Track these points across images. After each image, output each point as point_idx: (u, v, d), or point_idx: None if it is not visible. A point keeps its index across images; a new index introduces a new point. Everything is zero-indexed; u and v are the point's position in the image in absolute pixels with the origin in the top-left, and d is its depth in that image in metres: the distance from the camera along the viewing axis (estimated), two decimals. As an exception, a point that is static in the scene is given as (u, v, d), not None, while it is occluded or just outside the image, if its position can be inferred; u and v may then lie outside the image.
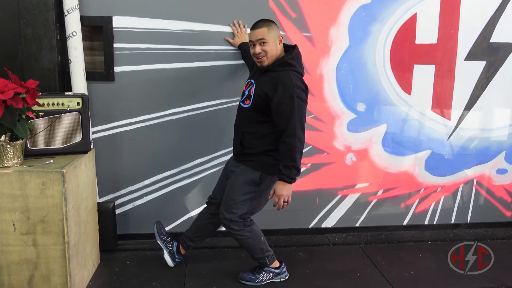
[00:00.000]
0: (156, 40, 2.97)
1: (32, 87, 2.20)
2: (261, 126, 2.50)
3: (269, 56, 2.45)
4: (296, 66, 2.47)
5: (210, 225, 2.83)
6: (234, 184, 2.59)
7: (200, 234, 2.86)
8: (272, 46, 2.45)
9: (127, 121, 3.04)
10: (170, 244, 2.87)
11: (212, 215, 2.78)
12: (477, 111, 3.45)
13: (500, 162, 3.59)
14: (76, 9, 2.76)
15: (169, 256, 2.85)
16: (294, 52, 2.51)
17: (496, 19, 3.33)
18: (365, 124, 3.33)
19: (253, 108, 2.51)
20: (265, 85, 2.45)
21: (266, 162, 2.50)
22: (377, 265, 3.02)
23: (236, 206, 2.56)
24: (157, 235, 2.87)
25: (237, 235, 2.62)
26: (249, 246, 2.67)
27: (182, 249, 2.89)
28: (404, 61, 3.28)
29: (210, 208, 2.80)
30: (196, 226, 2.86)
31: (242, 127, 2.58)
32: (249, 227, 2.63)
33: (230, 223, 2.59)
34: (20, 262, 2.32)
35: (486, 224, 3.68)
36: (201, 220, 2.86)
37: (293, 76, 2.40)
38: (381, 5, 3.16)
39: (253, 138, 2.53)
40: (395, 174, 3.47)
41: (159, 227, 2.91)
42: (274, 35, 2.47)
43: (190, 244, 2.87)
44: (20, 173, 2.22)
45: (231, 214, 2.57)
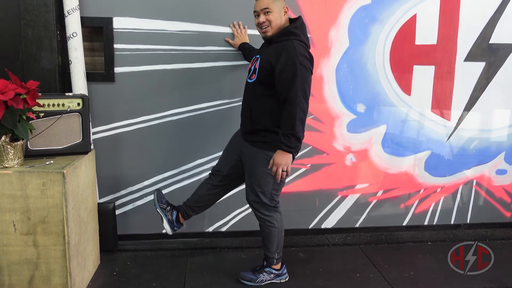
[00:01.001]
0: (156, 41, 2.97)
1: (33, 88, 2.21)
2: (268, 100, 2.46)
3: (273, 26, 2.43)
4: (300, 35, 2.44)
5: (212, 196, 2.82)
6: (253, 169, 2.56)
7: (201, 204, 2.85)
8: (276, 15, 2.43)
9: (127, 122, 3.05)
10: (170, 212, 2.84)
11: (215, 186, 2.77)
12: (476, 112, 3.46)
13: (499, 162, 3.59)
14: (76, 10, 2.77)
15: (168, 225, 2.82)
16: (298, 22, 2.49)
17: (496, 20, 3.33)
18: (365, 125, 3.34)
19: (258, 82, 2.47)
20: (269, 55, 2.42)
21: (275, 140, 2.44)
22: (377, 265, 3.03)
23: (262, 190, 2.55)
24: (157, 203, 2.83)
25: (266, 220, 2.62)
26: (271, 236, 2.65)
27: (181, 218, 2.87)
28: (403, 61, 3.28)
29: (213, 179, 2.79)
30: (198, 196, 2.84)
31: (249, 103, 2.55)
32: (278, 215, 2.64)
33: (261, 206, 2.59)
34: (20, 263, 2.32)
35: (485, 225, 3.68)
36: (203, 190, 2.83)
37: (296, 44, 2.37)
38: (380, 6, 3.16)
39: (261, 113, 2.49)
40: (395, 175, 3.47)
41: (159, 195, 2.87)
42: (279, 6, 2.45)
43: (190, 213, 2.85)
44: (20, 174, 2.22)
45: (260, 197, 2.56)
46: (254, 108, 2.51)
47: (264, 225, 2.65)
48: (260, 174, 2.54)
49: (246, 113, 2.58)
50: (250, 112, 2.52)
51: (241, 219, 3.31)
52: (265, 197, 2.57)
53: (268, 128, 2.48)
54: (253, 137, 2.54)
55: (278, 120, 2.42)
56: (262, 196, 2.57)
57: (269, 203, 2.59)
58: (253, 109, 2.51)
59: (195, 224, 3.26)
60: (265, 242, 2.70)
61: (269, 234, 2.66)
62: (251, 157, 2.57)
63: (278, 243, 2.69)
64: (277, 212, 2.65)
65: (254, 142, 2.54)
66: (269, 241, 2.68)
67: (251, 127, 2.54)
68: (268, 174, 2.52)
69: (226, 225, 3.31)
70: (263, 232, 2.69)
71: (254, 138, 2.54)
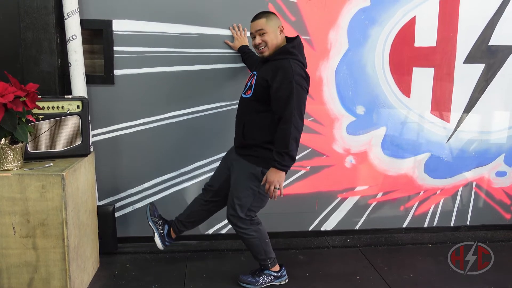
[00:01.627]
0: (156, 44, 2.98)
1: (32, 90, 2.21)
2: (261, 116, 2.48)
3: (270, 46, 2.47)
4: (297, 54, 2.46)
5: (204, 212, 2.82)
6: (237, 182, 2.58)
7: (193, 220, 2.84)
8: (272, 36, 2.46)
9: (127, 124, 3.05)
10: (162, 226, 2.84)
11: (207, 202, 2.77)
12: (476, 114, 3.46)
13: (499, 164, 3.59)
14: (76, 12, 2.77)
15: (159, 239, 2.82)
16: (295, 41, 2.51)
17: (495, 22, 3.33)
18: (364, 127, 3.34)
19: (254, 98, 2.49)
20: (266, 73, 2.44)
21: (267, 156, 2.46)
22: (377, 267, 3.02)
23: (240, 203, 2.55)
24: (149, 216, 2.84)
25: (243, 233, 2.61)
26: (254, 246, 2.66)
27: (173, 233, 2.86)
28: (403, 64, 3.29)
29: (206, 195, 2.79)
30: (190, 212, 2.84)
31: (243, 118, 2.57)
32: (255, 226, 2.63)
33: (237, 220, 2.58)
34: (20, 265, 2.32)
35: (485, 227, 3.68)
36: (195, 206, 2.84)
37: (293, 63, 2.40)
38: (380, 8, 3.17)
39: (254, 128, 2.51)
40: (394, 177, 3.47)
41: (152, 208, 2.88)
42: (274, 25, 2.48)
43: (182, 229, 2.85)
44: (20, 176, 2.22)
45: (236, 210, 2.56)
46: (247, 123, 2.53)
47: (243, 238, 2.65)
48: (242, 186, 2.56)
49: (239, 127, 2.61)
50: (243, 127, 2.54)
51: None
52: (242, 211, 2.56)
53: (260, 144, 2.50)
54: (245, 151, 2.56)
55: (270, 137, 2.45)
56: (238, 209, 2.56)
57: (244, 217, 2.58)
58: (246, 124, 2.54)
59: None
60: (251, 252, 2.71)
61: (251, 245, 2.66)
62: (239, 169, 2.58)
63: (265, 250, 2.68)
64: (253, 224, 2.63)
65: (246, 155, 2.56)
66: (255, 250, 2.69)
67: (243, 141, 2.56)
68: (249, 188, 2.53)
69: (225, 228, 3.31)
70: (245, 244, 2.69)
71: (246, 152, 2.56)
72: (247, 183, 2.53)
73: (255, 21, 2.50)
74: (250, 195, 2.55)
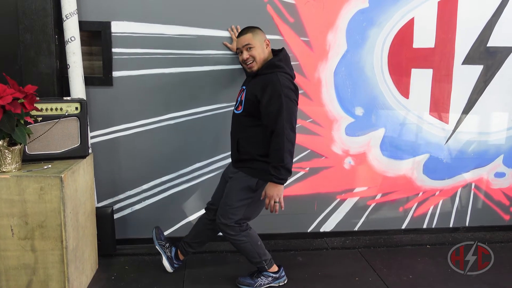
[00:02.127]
0: (154, 45, 2.97)
1: (31, 92, 2.21)
2: (253, 131, 2.51)
3: (258, 60, 2.50)
4: (284, 67, 2.49)
5: (209, 231, 2.83)
6: (231, 190, 2.60)
7: (199, 240, 2.86)
8: (259, 50, 2.50)
9: (126, 126, 3.05)
10: (169, 249, 2.88)
11: (211, 221, 2.78)
12: (475, 115, 3.46)
13: (498, 165, 3.59)
14: (74, 14, 2.77)
15: (168, 262, 2.85)
16: (281, 54, 2.54)
17: (493, 23, 3.34)
18: (363, 128, 3.34)
19: (245, 113, 2.53)
20: (255, 88, 2.47)
21: (262, 168, 2.48)
22: (376, 269, 3.02)
23: (232, 211, 2.57)
24: (156, 240, 2.88)
25: (233, 239, 2.63)
26: (246, 250, 2.67)
27: (180, 255, 2.89)
28: (401, 65, 3.29)
29: (209, 214, 2.80)
30: (195, 232, 2.87)
31: (237, 134, 2.61)
32: (245, 232, 2.64)
33: (226, 228, 2.59)
34: (18, 267, 2.31)
35: (484, 228, 3.68)
36: (200, 225, 2.86)
37: (281, 77, 2.42)
38: (378, 9, 3.17)
39: (247, 143, 2.54)
40: (393, 178, 3.47)
41: (157, 232, 2.92)
42: (260, 40, 2.51)
43: (189, 250, 2.87)
44: (18, 178, 2.22)
45: (227, 219, 2.57)
46: (241, 139, 2.56)
47: (235, 244, 2.66)
48: (236, 196, 2.57)
49: (233, 143, 2.64)
50: (237, 143, 2.57)
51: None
52: (232, 219, 2.57)
53: (254, 157, 2.52)
54: (241, 164, 2.59)
55: (264, 150, 2.48)
56: (230, 218, 2.57)
57: (234, 225, 2.59)
58: (239, 140, 2.57)
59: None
60: (246, 256, 2.72)
61: (244, 250, 2.67)
62: (235, 179, 2.60)
63: (258, 253, 2.69)
64: (242, 231, 2.63)
65: (242, 167, 2.58)
66: (248, 255, 2.69)
67: (238, 156, 2.59)
68: (244, 200, 2.56)
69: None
70: (238, 249, 2.70)
71: (242, 165, 2.59)
72: (242, 194, 2.56)
73: (242, 36, 2.53)
74: (243, 206, 2.58)
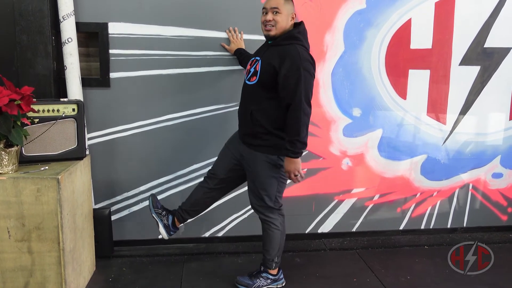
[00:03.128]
0: (152, 46, 2.97)
1: (27, 93, 2.20)
2: (268, 103, 2.46)
3: (278, 27, 2.44)
4: (302, 40, 2.46)
5: (208, 199, 2.81)
6: (258, 174, 2.56)
7: (197, 208, 2.84)
8: (284, 18, 2.44)
9: (123, 127, 3.04)
10: (165, 217, 2.83)
11: (211, 189, 2.77)
12: (472, 116, 3.47)
13: (495, 166, 3.60)
14: (71, 15, 2.76)
15: (164, 229, 2.82)
16: (301, 27, 2.51)
17: (490, 24, 3.35)
18: (360, 129, 3.34)
19: (260, 84, 2.47)
20: (272, 58, 2.42)
21: (278, 143, 2.47)
22: (374, 270, 3.02)
23: (267, 193, 2.56)
24: (152, 208, 2.83)
25: (270, 223, 2.63)
26: (273, 239, 2.65)
27: (177, 222, 2.86)
28: (399, 66, 3.29)
29: (210, 183, 2.77)
30: (194, 200, 2.83)
31: (249, 105, 2.53)
32: (281, 218, 2.66)
33: (265, 210, 2.61)
34: (15, 269, 2.30)
35: (482, 228, 3.68)
36: (199, 193, 2.82)
37: (300, 49, 2.39)
38: (376, 10, 3.17)
39: (262, 115, 2.48)
40: (391, 179, 3.47)
41: (154, 200, 2.86)
42: (289, 9, 2.47)
43: (186, 217, 2.85)
44: (15, 180, 2.21)
45: (264, 201, 2.58)
46: (255, 110, 2.50)
47: (268, 227, 2.65)
48: (264, 177, 2.55)
49: (245, 115, 2.56)
50: (251, 115, 2.51)
51: (238, 224, 3.30)
52: (270, 200, 2.59)
53: (268, 130, 2.48)
54: (254, 140, 2.54)
55: (278, 123, 2.45)
56: (267, 199, 2.58)
57: (273, 206, 2.61)
58: (253, 112, 2.50)
59: (191, 229, 3.25)
60: (267, 245, 2.69)
61: (272, 237, 2.66)
62: (253, 161, 2.56)
63: (279, 247, 2.69)
64: (280, 215, 2.67)
65: (255, 146, 2.54)
66: (271, 244, 2.67)
67: (252, 129, 2.53)
68: (271, 177, 2.54)
69: (222, 230, 3.30)
70: (266, 234, 2.68)
71: (255, 142, 2.54)
72: (268, 172, 2.53)
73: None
74: (274, 183, 2.56)
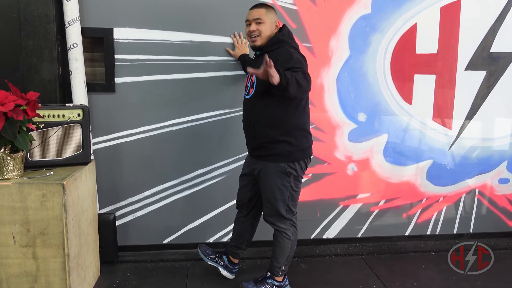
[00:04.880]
0: (157, 51, 2.97)
1: (33, 99, 2.20)
2: (268, 112, 2.45)
3: (263, 37, 2.47)
4: (289, 41, 2.47)
5: (248, 227, 2.83)
6: (267, 184, 2.55)
7: (243, 240, 2.86)
8: (267, 27, 2.47)
9: (128, 132, 3.04)
10: (221, 259, 2.89)
11: (245, 217, 2.79)
12: (478, 121, 3.45)
13: (502, 171, 3.57)
14: (77, 20, 2.77)
15: (226, 271, 2.88)
16: (284, 30, 2.53)
17: (496, 29, 3.33)
18: (366, 134, 3.33)
19: (257, 95, 2.48)
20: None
21: (285, 150, 2.46)
22: (380, 276, 3.00)
23: (277, 203, 2.54)
24: (205, 258, 2.90)
25: (282, 232, 2.61)
26: (283, 248, 2.64)
27: (233, 259, 2.90)
28: (404, 71, 3.28)
29: (242, 212, 2.81)
30: (237, 234, 2.86)
31: (251, 118, 2.54)
32: (293, 229, 2.64)
33: (277, 220, 2.60)
34: (20, 275, 2.29)
35: (489, 234, 3.65)
36: (238, 226, 2.86)
37: (290, 50, 2.41)
38: (381, 15, 3.17)
39: (264, 125, 2.48)
40: (396, 184, 3.45)
41: (203, 250, 2.93)
42: (271, 18, 2.49)
43: (239, 252, 2.88)
44: (20, 185, 2.21)
45: (275, 210, 2.56)
46: (256, 122, 2.51)
47: (280, 236, 2.64)
48: (274, 187, 2.53)
49: (249, 128, 2.58)
50: (253, 127, 2.52)
51: (242, 229, 3.29)
52: (283, 209, 2.57)
53: (274, 138, 2.47)
54: (261, 151, 2.54)
55: (282, 129, 2.45)
56: (279, 209, 2.56)
57: (286, 216, 2.58)
58: (255, 124, 2.51)
59: (196, 235, 3.24)
60: (276, 252, 2.68)
61: (282, 245, 2.64)
62: (264, 173, 2.56)
63: (289, 256, 2.67)
64: (293, 226, 2.64)
65: (263, 156, 2.54)
66: (280, 252, 2.66)
67: (257, 140, 2.54)
68: (282, 186, 2.52)
69: (227, 236, 3.28)
70: (276, 242, 2.67)
71: (262, 153, 2.54)
72: (277, 181, 2.52)
73: (255, 9, 2.51)
74: (285, 192, 2.54)
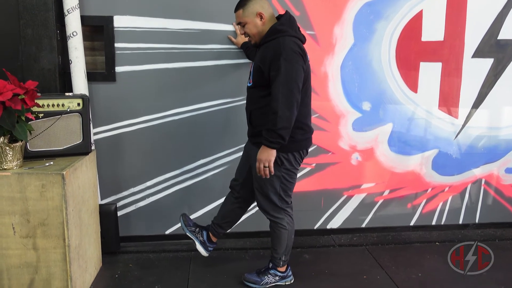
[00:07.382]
0: (158, 40, 2.93)
1: (31, 88, 2.17)
2: (264, 102, 2.42)
3: (252, 36, 2.47)
4: (288, 30, 2.40)
5: (237, 209, 2.80)
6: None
7: (229, 220, 2.83)
8: (251, 26, 2.45)
9: (129, 122, 3.01)
10: (200, 234, 2.83)
11: (237, 198, 2.76)
12: (485, 109, 3.39)
13: (508, 161, 3.52)
14: (76, 8, 2.73)
15: (202, 246, 2.82)
16: (283, 18, 2.46)
17: (504, 16, 3.27)
18: (370, 123, 3.28)
19: (254, 85, 2.48)
20: (259, 57, 2.42)
21: None
22: (384, 266, 2.97)
23: (268, 189, 2.52)
24: (185, 228, 2.83)
25: (277, 222, 2.59)
26: (280, 238, 2.62)
27: (213, 237, 2.86)
28: (410, 59, 3.23)
29: (234, 192, 2.78)
30: (224, 212, 2.83)
31: (249, 107, 2.55)
32: (289, 218, 2.62)
33: (270, 209, 2.57)
34: (20, 266, 2.29)
35: (495, 225, 3.62)
36: (227, 205, 2.82)
37: (283, 40, 2.33)
38: (386, 2, 3.11)
39: (259, 115, 2.47)
40: (401, 174, 3.41)
41: (185, 219, 2.87)
42: (250, 14, 2.43)
43: (220, 231, 2.84)
44: (19, 176, 2.19)
45: (267, 198, 2.54)
46: (253, 111, 2.51)
47: (275, 226, 2.62)
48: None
49: (247, 117, 2.59)
50: (250, 115, 2.53)
51: (245, 220, 3.25)
52: (275, 198, 2.54)
53: None
54: (256, 138, 2.52)
55: None
56: (271, 198, 2.54)
57: (279, 205, 2.56)
58: (252, 112, 2.51)
59: (198, 225, 3.22)
60: (274, 243, 2.67)
61: (278, 236, 2.62)
62: (255, 158, 2.52)
63: (287, 246, 2.66)
64: (287, 215, 2.62)
65: (257, 143, 2.50)
66: (278, 243, 2.64)
67: (252, 129, 2.54)
68: (273, 175, 2.48)
69: (230, 226, 3.27)
70: (273, 232, 2.65)
71: (257, 140, 2.50)
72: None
73: (235, 13, 2.50)
74: (276, 180, 2.51)
